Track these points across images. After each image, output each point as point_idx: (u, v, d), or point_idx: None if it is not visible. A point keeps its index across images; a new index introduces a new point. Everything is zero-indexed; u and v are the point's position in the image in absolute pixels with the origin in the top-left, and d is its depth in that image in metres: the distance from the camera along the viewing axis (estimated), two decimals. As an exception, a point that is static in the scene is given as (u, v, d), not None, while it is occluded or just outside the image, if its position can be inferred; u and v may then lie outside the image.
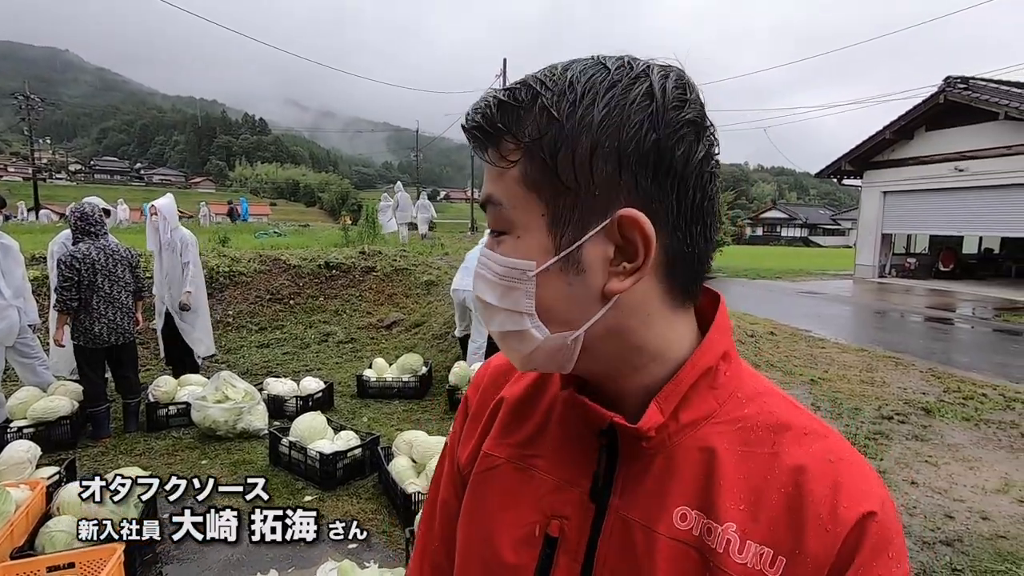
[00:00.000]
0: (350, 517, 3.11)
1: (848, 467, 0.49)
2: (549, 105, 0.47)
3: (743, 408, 0.52)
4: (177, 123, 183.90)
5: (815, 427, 0.52)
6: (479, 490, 0.62)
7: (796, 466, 0.48)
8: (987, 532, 3.00)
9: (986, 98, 12.77)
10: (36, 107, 37.25)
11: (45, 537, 2.49)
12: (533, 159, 0.48)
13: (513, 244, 0.50)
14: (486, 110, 0.49)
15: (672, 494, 0.51)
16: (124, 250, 4.32)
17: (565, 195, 0.48)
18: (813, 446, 0.50)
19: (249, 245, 11.51)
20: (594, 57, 0.50)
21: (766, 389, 0.55)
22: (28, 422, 3.97)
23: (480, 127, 0.50)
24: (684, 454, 0.51)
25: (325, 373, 5.94)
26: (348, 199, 66.08)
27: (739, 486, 0.49)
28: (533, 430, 0.60)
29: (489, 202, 0.51)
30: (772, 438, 0.50)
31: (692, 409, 0.52)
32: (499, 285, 0.51)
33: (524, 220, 0.49)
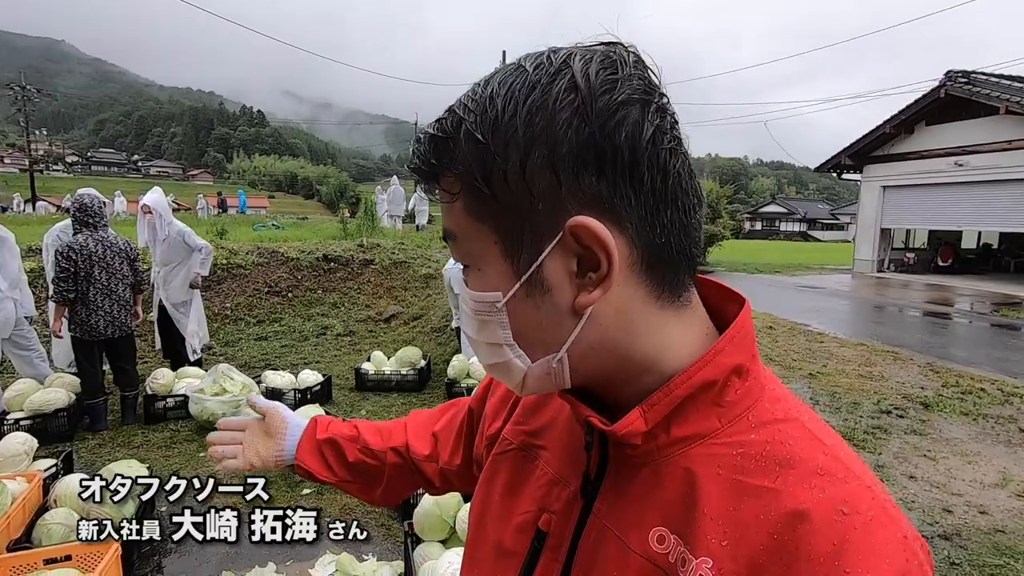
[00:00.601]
0: (348, 511, 3.12)
1: (864, 525, 0.40)
2: (473, 129, 0.44)
3: (751, 433, 0.46)
4: (174, 115, 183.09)
5: (834, 468, 0.43)
6: (492, 472, 0.64)
7: (797, 511, 0.41)
8: (985, 526, 3.01)
9: (987, 92, 12.74)
10: (32, 98, 37.01)
11: (42, 529, 2.47)
12: (472, 188, 0.45)
13: (478, 277, 0.49)
14: (420, 148, 0.48)
15: (652, 511, 0.47)
16: (123, 243, 4.28)
17: (510, 217, 0.45)
18: (826, 491, 0.41)
19: (247, 238, 11.47)
20: (516, 62, 0.46)
21: (786, 415, 0.47)
22: (25, 414, 3.95)
23: (418, 168, 0.49)
24: (672, 471, 0.47)
25: (323, 366, 5.92)
26: (346, 192, 65.92)
27: (725, 519, 0.43)
28: (545, 421, 0.61)
29: (448, 236, 0.50)
30: (777, 472, 0.43)
31: (688, 424, 0.47)
32: (475, 319, 0.50)
33: (480, 251, 0.48)
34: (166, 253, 5.08)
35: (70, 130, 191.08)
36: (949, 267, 16.24)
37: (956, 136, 13.95)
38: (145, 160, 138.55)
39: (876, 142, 15.81)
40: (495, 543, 0.59)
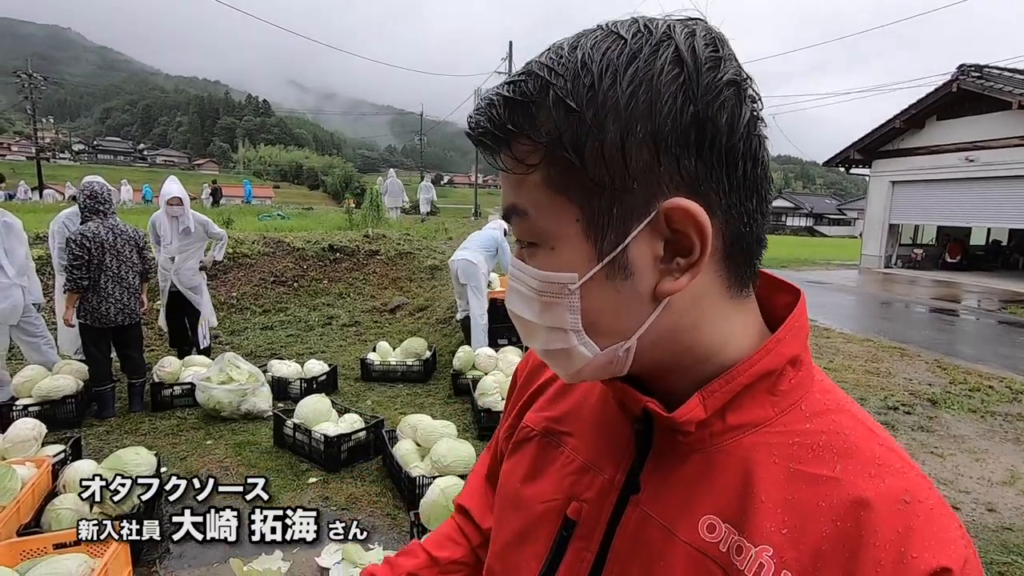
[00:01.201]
0: (354, 500, 3.13)
1: (927, 512, 0.41)
2: (564, 95, 0.40)
3: (805, 423, 0.46)
4: (180, 104, 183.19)
5: (891, 460, 0.44)
6: (513, 459, 0.63)
7: (860, 499, 0.41)
8: (993, 524, 2.99)
9: (1000, 87, 12.57)
10: (38, 85, 37.06)
11: (51, 514, 2.49)
12: (556, 159, 0.42)
13: (548, 256, 0.45)
14: (491, 111, 0.43)
15: (702, 500, 0.46)
16: (132, 230, 4.30)
17: (599, 194, 0.42)
18: (886, 481, 0.42)
19: (253, 227, 11.48)
20: (603, 27, 0.43)
21: (838, 407, 0.47)
22: (33, 400, 3.98)
23: (488, 132, 0.44)
24: (725, 459, 0.46)
25: (329, 356, 5.94)
26: (351, 182, 65.89)
27: (783, 507, 0.43)
28: (570, 407, 0.60)
29: (513, 212, 0.46)
30: (835, 461, 0.43)
31: (743, 412, 0.46)
32: (537, 301, 0.46)
33: (556, 229, 0.44)
34: (183, 241, 5.12)
35: (76, 118, 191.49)
36: (957, 263, 16.12)
37: (967, 131, 13.79)
38: (151, 149, 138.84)
39: (886, 137, 15.65)
40: (518, 532, 0.58)
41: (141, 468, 2.81)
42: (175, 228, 5.08)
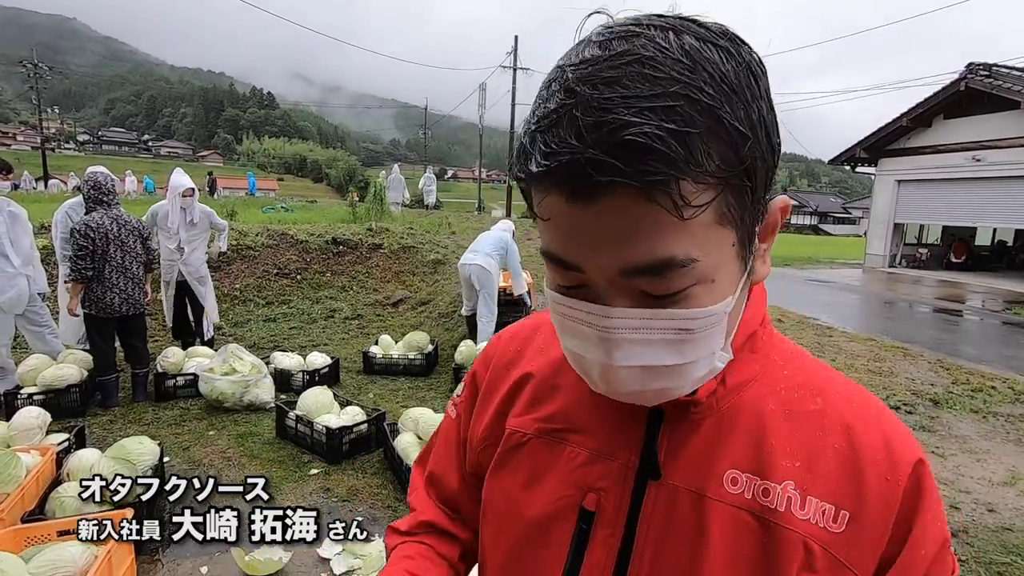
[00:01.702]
0: (355, 491, 3.15)
1: (890, 420, 0.51)
2: (731, 119, 0.37)
3: (782, 370, 0.53)
4: (184, 95, 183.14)
5: (846, 383, 0.53)
6: (506, 468, 0.60)
7: (843, 420, 0.50)
8: (993, 524, 2.99)
9: (1008, 86, 12.47)
10: (44, 75, 37.08)
11: (55, 502, 2.51)
12: (734, 190, 0.39)
13: (708, 291, 0.42)
14: (656, 148, 0.35)
15: (721, 458, 0.50)
16: (136, 221, 4.32)
17: (751, 211, 0.42)
18: (852, 400, 0.51)
19: (256, 219, 11.50)
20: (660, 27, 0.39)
21: (797, 351, 0.56)
22: (38, 389, 4.00)
23: (649, 176, 0.36)
24: (732, 417, 0.50)
25: (331, 349, 5.95)
26: (355, 176, 65.87)
27: (791, 444, 0.49)
28: (564, 404, 0.58)
29: (670, 266, 0.39)
30: (816, 396, 0.51)
31: (737, 373, 0.51)
32: (690, 341, 0.43)
33: (717, 263, 0.41)
34: (190, 232, 5.17)
35: (81, 109, 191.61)
36: (962, 264, 16.05)
37: (974, 131, 13.69)
38: (155, 140, 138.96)
39: (892, 135, 15.56)
40: (524, 540, 0.56)
41: (144, 458, 2.83)
42: (184, 219, 5.11)
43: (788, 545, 0.46)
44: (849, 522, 0.46)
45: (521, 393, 0.61)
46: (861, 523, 0.46)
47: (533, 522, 0.55)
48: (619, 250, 0.39)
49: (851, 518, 0.47)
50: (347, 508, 3.00)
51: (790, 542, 0.46)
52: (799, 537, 0.46)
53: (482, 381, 0.66)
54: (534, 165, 0.39)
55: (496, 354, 0.67)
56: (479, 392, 0.66)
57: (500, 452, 0.60)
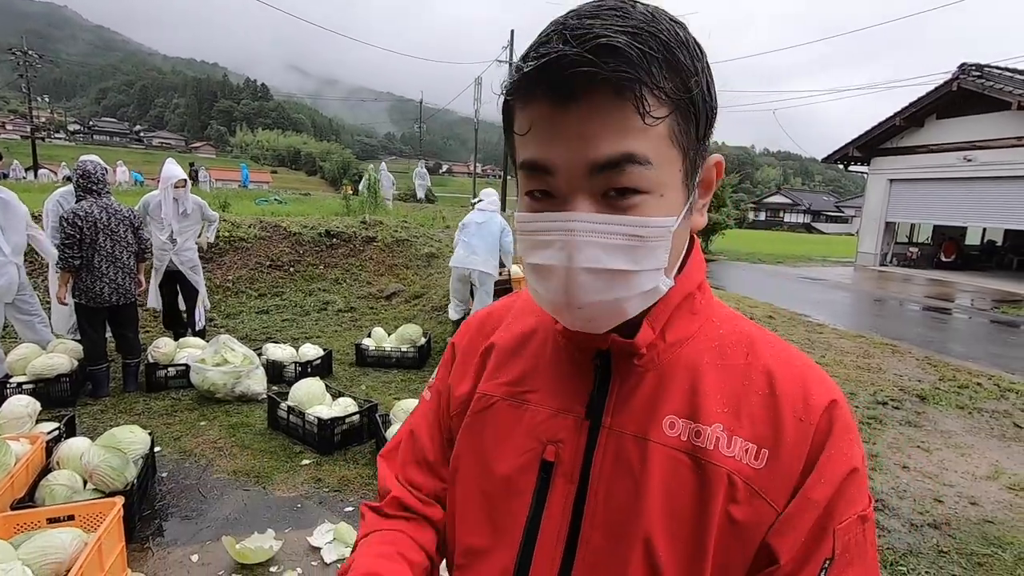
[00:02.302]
0: (346, 482, 3.16)
1: (809, 367, 0.57)
2: (684, 58, 0.47)
3: (719, 329, 0.59)
4: (177, 85, 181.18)
5: (775, 339, 0.60)
6: (475, 428, 0.65)
7: (767, 371, 0.56)
8: (975, 517, 3.04)
9: (1000, 87, 12.57)
10: (34, 63, 36.58)
11: (45, 490, 2.51)
12: (682, 115, 0.48)
13: (657, 203, 0.49)
14: (620, 57, 0.44)
15: (661, 406, 0.55)
16: (127, 210, 4.27)
17: (695, 148, 0.51)
18: (778, 354, 0.57)
19: (250, 211, 11.43)
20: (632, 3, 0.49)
21: (735, 315, 0.62)
22: (28, 378, 3.98)
23: (619, 76, 0.44)
24: (671, 370, 0.56)
25: (324, 341, 5.95)
26: (350, 169, 65.53)
27: (721, 392, 0.55)
28: (526, 369, 0.64)
29: (630, 160, 0.46)
30: (745, 351, 0.57)
31: (676, 330, 0.57)
32: (643, 247, 0.49)
33: (668, 177, 0.49)
34: (183, 222, 5.15)
35: (72, 98, 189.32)
36: (952, 263, 16.21)
37: (966, 131, 13.80)
38: (147, 131, 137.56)
39: (885, 134, 15.66)
40: (491, 492, 0.61)
41: (135, 447, 2.83)
42: (176, 209, 5.09)
43: (715, 479, 0.52)
44: (768, 459, 0.52)
45: (488, 361, 0.67)
46: (778, 459, 0.52)
47: (501, 476, 0.60)
48: (590, 145, 0.46)
49: (770, 455, 0.52)
50: (338, 498, 3.01)
51: (717, 476, 0.52)
52: (725, 472, 0.52)
53: (459, 349, 0.73)
54: (526, 67, 0.47)
55: (472, 328, 0.73)
56: (456, 359, 0.72)
57: (470, 414, 0.65)
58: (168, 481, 3.10)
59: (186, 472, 3.20)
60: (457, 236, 5.67)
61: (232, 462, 3.33)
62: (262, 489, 3.06)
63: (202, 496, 2.97)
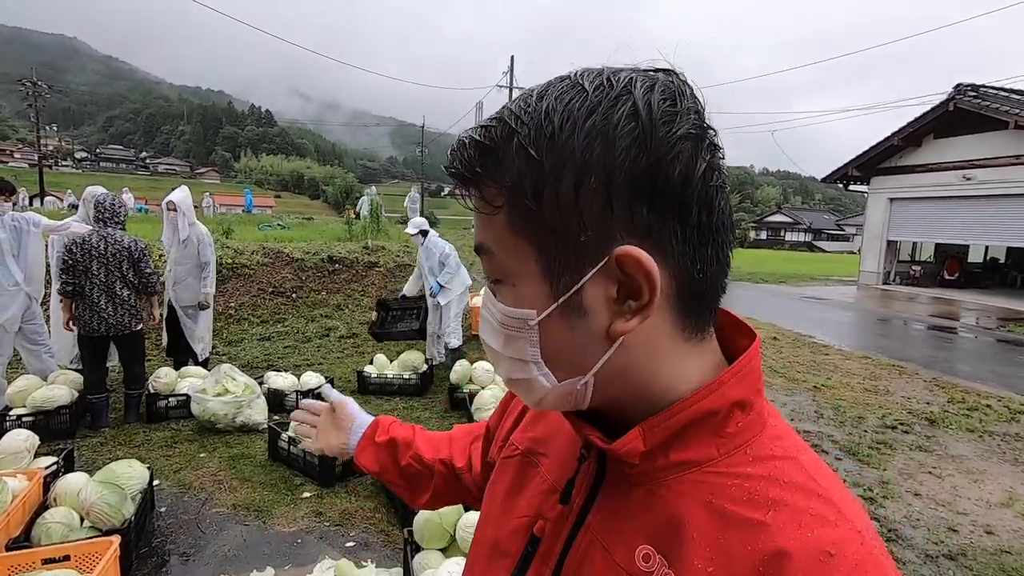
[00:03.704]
0: (347, 515, 3.10)
1: (850, 568, 0.39)
2: (526, 143, 0.43)
3: (748, 467, 0.46)
4: (183, 112, 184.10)
5: (825, 511, 0.43)
6: (498, 474, 0.67)
7: (782, 549, 0.40)
8: (991, 547, 2.97)
9: (996, 106, 12.69)
10: (43, 94, 37.23)
11: (41, 528, 2.47)
12: (516, 204, 0.44)
13: (511, 293, 0.48)
14: (463, 152, 0.46)
15: (641, 530, 0.47)
16: (129, 241, 4.21)
17: (555, 238, 0.44)
18: (814, 532, 0.41)
19: (253, 237, 11.49)
20: (572, 77, 0.45)
21: (786, 454, 0.47)
22: (27, 410, 3.95)
23: (459, 173, 0.47)
24: (664, 493, 0.47)
25: (326, 368, 5.92)
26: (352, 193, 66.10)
27: (712, 547, 0.43)
28: (548, 429, 0.64)
29: (482, 250, 0.49)
30: (768, 507, 0.43)
31: (687, 450, 0.47)
32: (502, 333, 0.50)
33: (517, 267, 0.47)
34: (182, 253, 5.07)
35: (80, 126, 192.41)
36: (955, 281, 16.15)
37: (964, 150, 13.89)
38: (153, 157, 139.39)
39: (884, 154, 15.76)
40: (493, 543, 0.61)
41: (133, 482, 2.79)
42: (173, 237, 5.07)
43: None
44: None
45: (526, 411, 0.70)
46: None
47: (502, 532, 0.60)
48: (475, 231, 0.50)
49: None
50: (339, 533, 2.95)
51: None
52: None
53: (512, 395, 0.75)
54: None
55: None
56: (508, 406, 0.76)
57: (501, 458, 0.68)
58: (167, 516, 3.05)
59: (185, 507, 3.15)
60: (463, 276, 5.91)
61: (232, 495, 3.28)
62: (262, 524, 3.01)
63: (201, 532, 2.91)
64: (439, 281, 5.70)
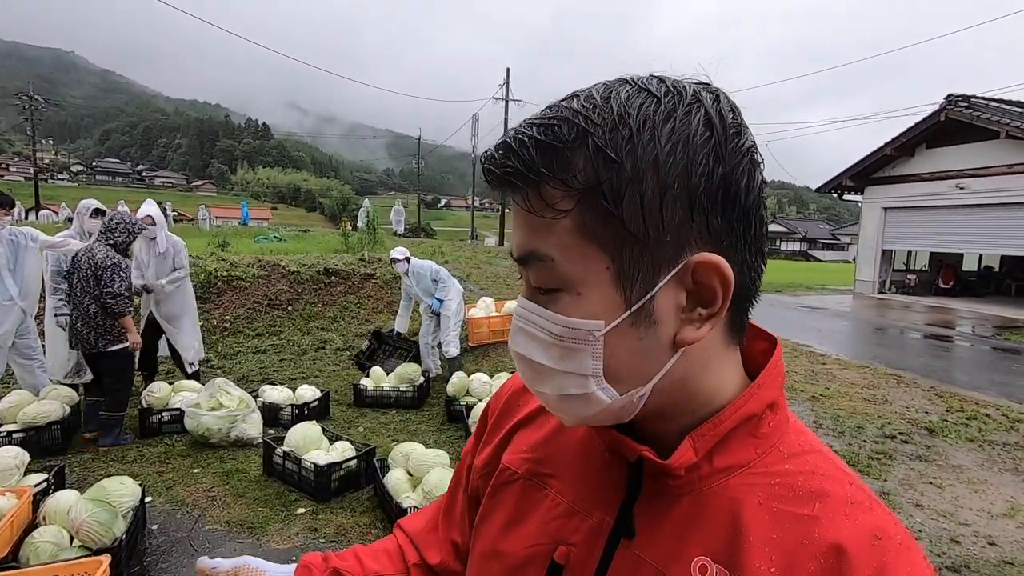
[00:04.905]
0: (343, 531, 3.06)
1: (897, 548, 0.43)
2: (603, 145, 0.41)
3: (784, 463, 0.48)
4: (180, 126, 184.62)
5: (861, 498, 0.46)
6: (493, 502, 0.61)
7: (837, 541, 0.43)
8: (994, 558, 2.94)
9: (987, 116, 12.82)
10: (39, 107, 37.34)
11: (30, 548, 2.42)
12: (592, 207, 0.42)
13: (573, 302, 0.45)
14: (523, 152, 0.43)
15: (694, 541, 0.47)
16: (100, 257, 4.04)
17: (633, 244, 0.43)
18: (859, 519, 0.44)
19: (249, 249, 11.46)
20: (631, 81, 0.45)
21: (812, 447, 0.50)
22: (18, 426, 3.89)
23: (517, 172, 0.43)
24: (713, 501, 0.47)
25: (322, 381, 5.87)
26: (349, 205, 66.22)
27: (771, 546, 0.44)
28: (552, 448, 0.59)
29: (534, 257, 0.45)
30: (813, 501, 0.45)
31: (729, 455, 0.48)
32: (558, 346, 0.46)
33: (584, 275, 0.44)
34: (161, 265, 5.00)
35: (76, 140, 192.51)
36: (950, 289, 16.22)
37: (957, 159, 14.00)
38: (149, 170, 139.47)
39: (877, 164, 15.88)
40: (496, 573, 0.57)
41: (125, 499, 2.74)
42: (150, 251, 4.97)
43: None
44: None
45: (521, 430, 0.64)
46: None
47: (509, 563, 0.56)
48: (516, 239, 0.47)
49: None
50: (335, 549, 2.89)
51: None
52: None
53: (492, 416, 0.69)
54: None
55: (510, 391, 0.69)
56: (488, 425, 0.69)
57: (492, 485, 0.62)
58: (159, 534, 3.00)
59: (177, 524, 3.10)
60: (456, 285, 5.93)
61: (225, 512, 3.22)
62: (256, 541, 2.96)
63: (193, 550, 2.86)
64: (438, 297, 5.71)
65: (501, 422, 0.66)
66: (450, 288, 5.79)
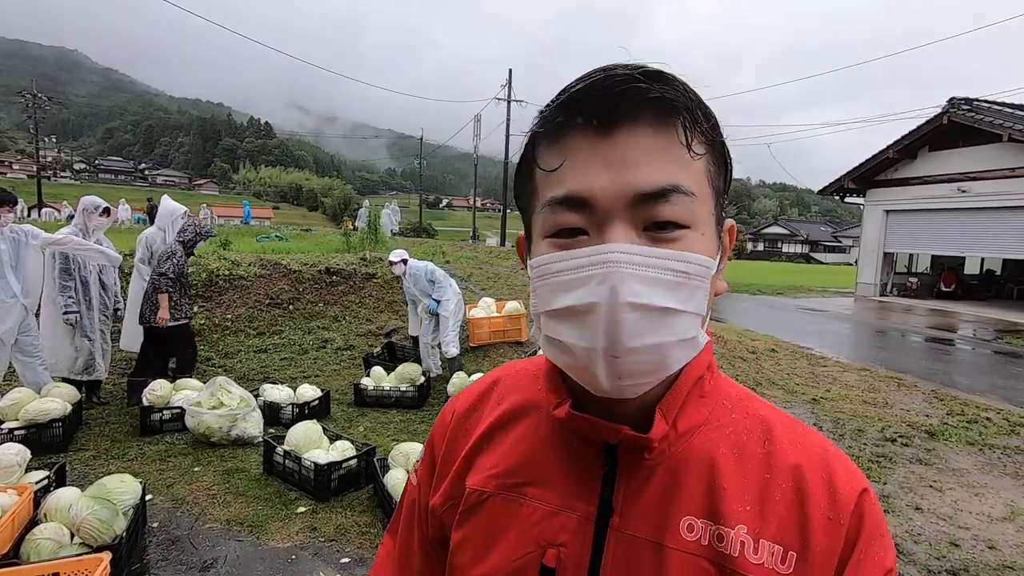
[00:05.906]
0: (343, 531, 3.06)
1: (833, 455, 0.52)
2: (711, 113, 0.49)
3: (731, 414, 0.54)
4: (182, 125, 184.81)
5: (791, 422, 0.55)
6: (465, 530, 0.58)
7: (792, 464, 0.51)
8: (994, 562, 2.94)
9: (989, 120, 12.80)
10: (42, 105, 37.41)
11: (30, 545, 2.42)
12: (713, 159, 0.49)
13: (698, 240, 0.48)
14: (678, 84, 0.46)
15: (677, 505, 0.50)
16: (163, 247, 4.81)
17: (720, 199, 0.51)
18: (798, 440, 0.53)
19: (250, 249, 11.48)
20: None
21: (744, 394, 0.57)
22: (20, 424, 3.90)
23: (673, 101, 0.46)
24: (684, 464, 0.51)
25: (322, 380, 5.88)
26: (351, 204, 66.23)
27: (743, 488, 0.50)
28: (521, 456, 0.57)
29: (678, 191, 0.46)
30: (763, 438, 0.52)
31: (687, 418, 0.52)
32: (684, 285, 0.46)
33: (706, 216, 0.49)
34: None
35: (79, 138, 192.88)
36: (952, 292, 16.20)
37: (959, 162, 13.99)
38: (152, 169, 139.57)
39: (879, 167, 15.87)
40: None
41: (125, 497, 2.75)
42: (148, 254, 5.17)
43: None
44: (797, 562, 0.47)
45: (481, 452, 0.60)
46: (807, 562, 0.47)
47: None
48: (636, 173, 0.45)
49: (798, 558, 0.48)
50: (334, 548, 2.91)
51: None
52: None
53: (440, 448, 0.65)
54: (572, 90, 0.47)
55: (452, 422, 0.65)
56: (437, 460, 0.64)
57: (461, 512, 0.59)
58: (159, 532, 3.01)
59: (178, 522, 3.10)
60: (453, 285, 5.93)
61: (226, 510, 3.23)
62: (255, 539, 2.97)
63: (193, 548, 2.87)
64: (435, 298, 5.71)
65: (452, 452, 0.63)
66: (446, 288, 5.79)
